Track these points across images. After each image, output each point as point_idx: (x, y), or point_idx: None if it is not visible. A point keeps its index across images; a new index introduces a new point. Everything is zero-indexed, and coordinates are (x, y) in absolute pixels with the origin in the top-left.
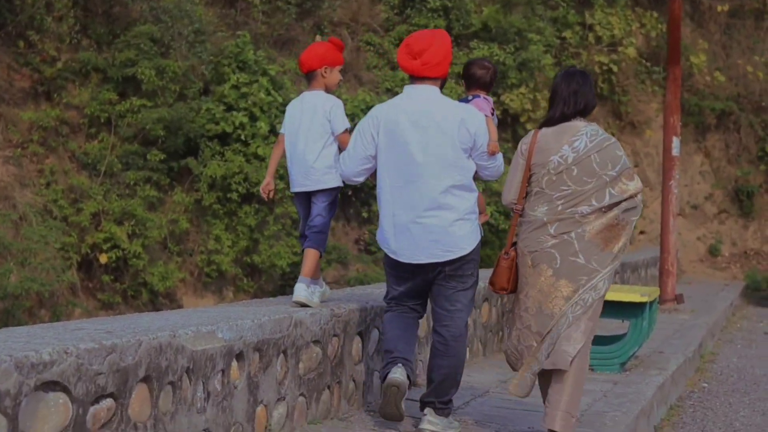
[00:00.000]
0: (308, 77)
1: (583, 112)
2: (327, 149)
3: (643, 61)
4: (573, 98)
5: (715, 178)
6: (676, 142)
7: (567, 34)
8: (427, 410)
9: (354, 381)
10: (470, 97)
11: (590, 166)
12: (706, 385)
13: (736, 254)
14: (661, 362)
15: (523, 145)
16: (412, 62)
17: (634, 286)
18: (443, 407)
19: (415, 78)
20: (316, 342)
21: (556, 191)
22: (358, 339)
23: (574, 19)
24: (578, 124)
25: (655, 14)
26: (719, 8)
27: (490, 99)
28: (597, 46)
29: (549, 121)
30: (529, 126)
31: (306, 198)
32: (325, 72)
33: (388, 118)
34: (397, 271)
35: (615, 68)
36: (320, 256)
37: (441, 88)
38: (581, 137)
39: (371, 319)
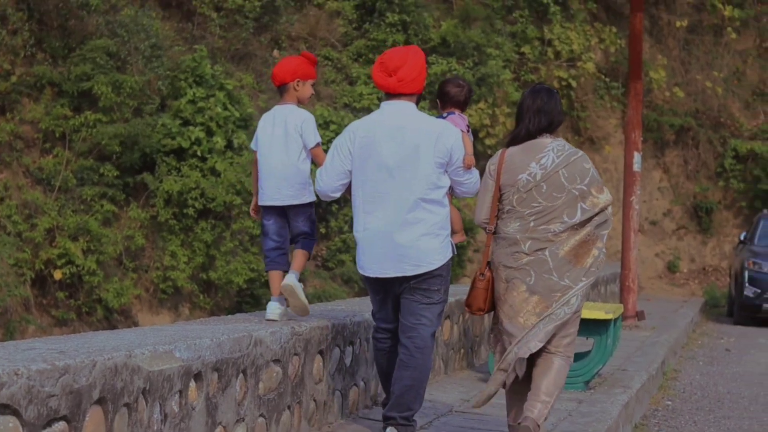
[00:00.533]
0: (280, 90)
1: (549, 129)
2: (302, 164)
3: (602, 77)
4: (537, 116)
5: (673, 194)
6: (637, 157)
7: (526, 49)
8: (389, 429)
9: (315, 401)
10: (445, 114)
11: (559, 181)
12: (669, 403)
13: (695, 270)
14: (625, 380)
15: (492, 165)
16: (388, 79)
17: (596, 303)
18: (406, 424)
19: (391, 95)
20: (276, 361)
21: (527, 208)
22: (319, 358)
23: (533, 34)
24: (544, 141)
25: (614, 29)
26: (678, 24)
27: (465, 117)
28: (556, 61)
29: (515, 140)
30: (487, 141)
31: (278, 212)
32: (298, 85)
33: (364, 133)
34: (370, 284)
35: (574, 83)
36: (308, 257)
37: (417, 103)
38: (548, 153)
39: (332, 338)
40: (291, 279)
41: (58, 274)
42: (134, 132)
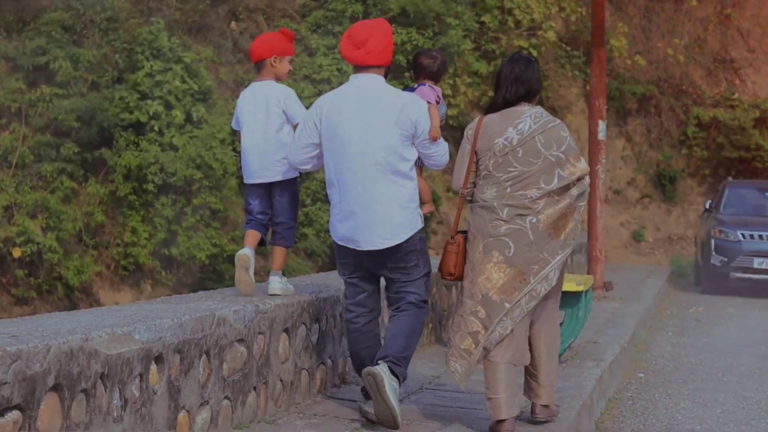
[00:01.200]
0: (258, 66)
1: (526, 97)
2: (285, 137)
3: (563, 45)
4: (515, 85)
5: (637, 163)
6: (602, 126)
7: (486, 18)
8: (381, 363)
9: (281, 381)
10: (416, 86)
11: (535, 146)
12: (642, 375)
13: (660, 239)
14: (597, 353)
15: (469, 130)
16: (356, 52)
17: (567, 275)
18: (397, 364)
19: (360, 67)
20: (240, 341)
21: (503, 173)
22: (284, 336)
23: (492, 3)
24: (522, 108)
25: None
26: None
27: (437, 88)
28: (516, 30)
29: (492, 107)
30: (449, 112)
31: (263, 189)
32: (275, 61)
33: (330, 106)
34: (342, 257)
35: (535, 53)
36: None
37: (386, 76)
38: (525, 119)
39: (298, 315)
40: (275, 285)
41: (17, 252)
42: (91, 106)
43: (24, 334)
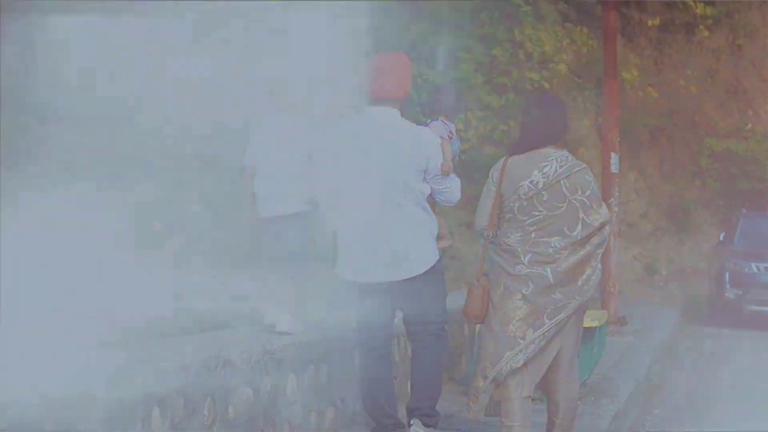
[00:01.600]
0: None
1: (551, 140)
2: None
3: (575, 78)
4: (539, 127)
5: (649, 196)
6: (614, 158)
7: (497, 51)
8: (414, 420)
9: (289, 423)
10: (429, 121)
11: (560, 191)
12: (657, 411)
13: (674, 272)
14: (612, 390)
15: (495, 172)
16: (372, 84)
17: None
18: (429, 415)
19: (375, 100)
20: (246, 383)
21: (528, 216)
22: (293, 376)
23: (503, 36)
24: (548, 150)
25: (586, 29)
26: (650, 22)
27: (450, 123)
28: (528, 63)
29: (517, 148)
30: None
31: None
32: None
33: (343, 138)
34: (355, 288)
35: (547, 85)
36: None
37: (402, 110)
38: (551, 162)
39: (306, 355)
40: (283, 324)
41: None
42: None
43: (19, 378)
